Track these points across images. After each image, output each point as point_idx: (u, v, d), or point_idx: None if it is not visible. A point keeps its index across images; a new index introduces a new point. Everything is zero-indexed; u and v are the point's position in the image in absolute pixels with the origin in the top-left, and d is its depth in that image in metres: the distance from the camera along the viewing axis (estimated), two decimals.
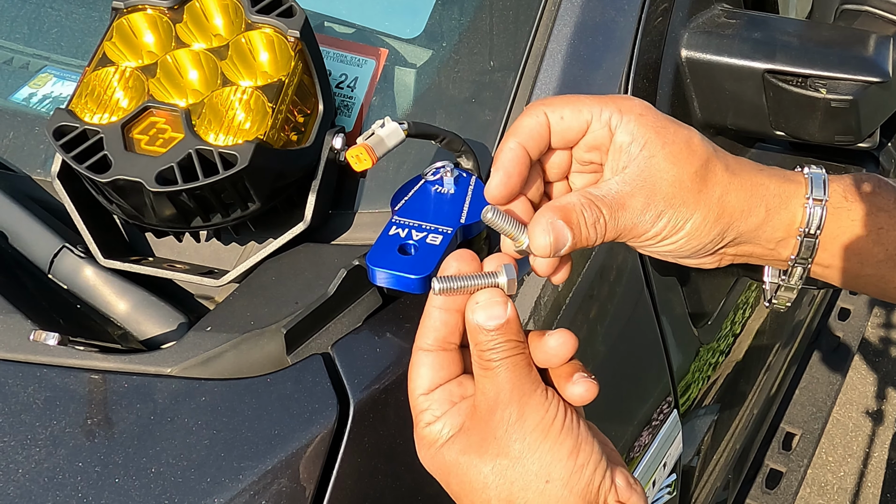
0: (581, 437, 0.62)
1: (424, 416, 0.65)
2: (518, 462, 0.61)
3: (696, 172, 0.66)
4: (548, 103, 0.67)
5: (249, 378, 0.76)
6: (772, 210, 0.70)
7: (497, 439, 0.61)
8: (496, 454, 0.61)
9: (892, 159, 1.21)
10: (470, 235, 0.81)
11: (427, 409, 0.65)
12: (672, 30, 1.05)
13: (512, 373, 0.62)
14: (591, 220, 0.64)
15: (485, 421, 0.62)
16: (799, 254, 0.72)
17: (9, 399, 0.74)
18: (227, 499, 0.69)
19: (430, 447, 0.64)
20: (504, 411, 0.61)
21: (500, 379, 0.62)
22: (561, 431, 0.61)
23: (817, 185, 0.70)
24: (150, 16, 0.91)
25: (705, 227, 0.68)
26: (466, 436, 0.63)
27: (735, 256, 0.72)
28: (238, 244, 0.93)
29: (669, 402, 1.13)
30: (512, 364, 0.62)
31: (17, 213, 0.90)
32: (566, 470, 0.61)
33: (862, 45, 1.05)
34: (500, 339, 0.62)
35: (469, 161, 0.89)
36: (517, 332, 0.63)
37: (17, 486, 0.69)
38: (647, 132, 0.66)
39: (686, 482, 1.25)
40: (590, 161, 0.69)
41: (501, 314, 0.62)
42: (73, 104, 0.86)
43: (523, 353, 0.63)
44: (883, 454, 2.47)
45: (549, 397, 0.63)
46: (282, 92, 0.86)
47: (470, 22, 1.01)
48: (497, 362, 0.62)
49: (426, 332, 0.65)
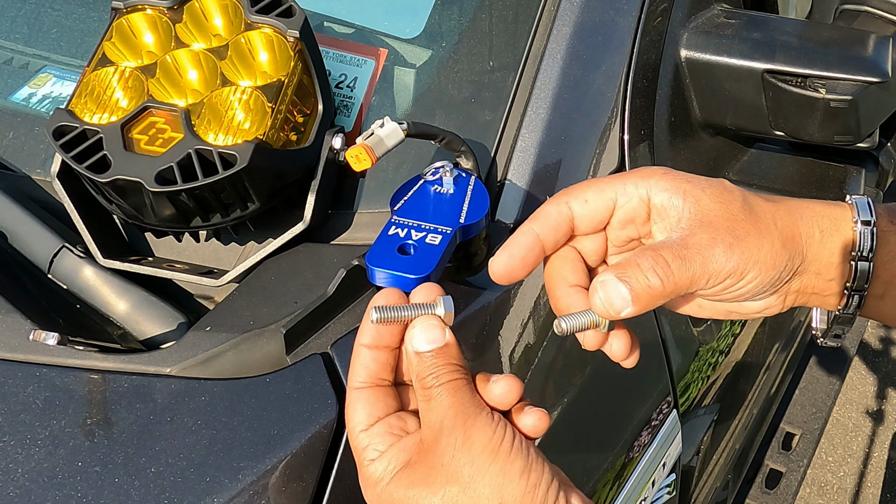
0: (531, 458, 0.59)
1: (367, 454, 0.62)
2: (469, 487, 0.58)
3: (742, 206, 0.64)
4: (570, 191, 0.66)
5: (249, 378, 0.76)
6: (825, 232, 0.66)
7: (444, 466, 0.59)
8: (445, 482, 0.59)
9: (891, 159, 1.21)
10: (469, 235, 0.81)
11: (368, 446, 0.62)
12: (671, 30, 1.05)
13: (453, 397, 0.60)
14: (647, 265, 0.61)
15: (430, 451, 0.60)
16: (855, 281, 0.67)
17: (8, 399, 0.74)
18: (227, 498, 0.69)
19: (376, 486, 0.61)
20: (449, 437, 0.59)
21: (442, 404, 0.60)
22: (511, 452, 0.59)
23: (863, 209, 0.67)
24: (150, 16, 0.91)
25: (775, 255, 0.63)
26: (412, 470, 0.60)
27: (798, 294, 0.67)
28: (237, 244, 0.93)
29: (669, 402, 1.13)
30: (453, 388, 0.60)
31: (17, 213, 0.90)
32: (518, 490, 0.58)
33: (861, 46, 1.05)
34: (439, 363, 0.60)
35: (468, 161, 0.89)
36: (457, 358, 0.61)
37: (17, 486, 0.69)
38: (680, 184, 0.64)
39: (685, 482, 1.25)
40: (628, 239, 0.67)
41: (440, 338, 0.61)
42: (72, 104, 0.86)
43: (464, 378, 0.61)
44: (883, 454, 2.47)
45: (496, 419, 0.60)
46: (281, 92, 0.86)
47: (469, 22, 1.01)
48: (438, 388, 0.60)
49: (357, 370, 0.64)
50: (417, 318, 0.62)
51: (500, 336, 0.87)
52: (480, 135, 0.95)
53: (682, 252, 0.61)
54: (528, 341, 0.89)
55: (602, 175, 0.98)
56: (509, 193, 0.93)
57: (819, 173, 1.16)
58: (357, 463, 0.63)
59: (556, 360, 0.93)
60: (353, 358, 0.64)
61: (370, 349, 0.64)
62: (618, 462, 1.04)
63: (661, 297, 0.61)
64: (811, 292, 0.67)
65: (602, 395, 1.02)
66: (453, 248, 0.79)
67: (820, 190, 1.13)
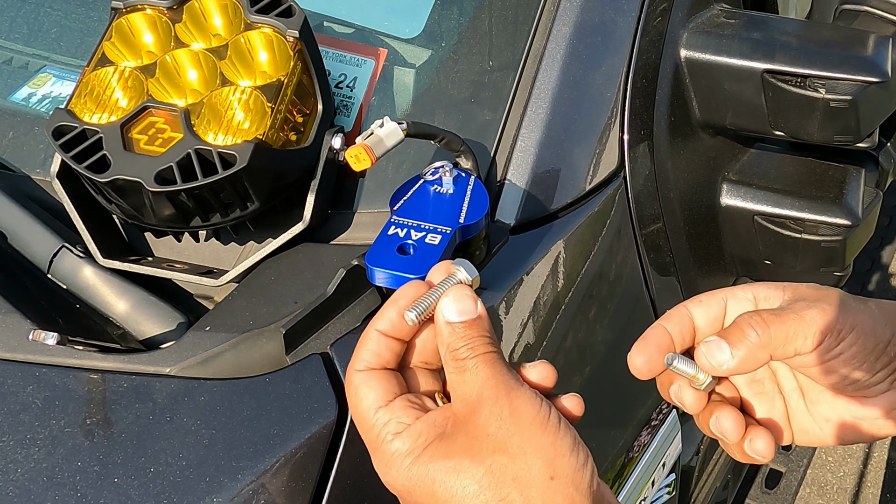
0: (577, 438, 0.58)
1: (389, 428, 0.58)
2: (518, 457, 0.56)
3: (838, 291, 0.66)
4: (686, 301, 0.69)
5: (248, 378, 0.76)
6: None
7: (490, 437, 0.56)
8: (492, 450, 0.56)
9: (891, 159, 1.21)
10: (469, 235, 0.81)
11: (390, 420, 0.59)
12: (671, 30, 1.05)
13: (492, 367, 0.58)
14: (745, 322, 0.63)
15: (469, 421, 0.57)
16: None
17: (8, 399, 0.74)
18: (226, 498, 0.69)
19: (402, 462, 0.57)
20: (493, 406, 0.57)
21: (480, 375, 0.58)
22: (559, 427, 0.57)
23: None
24: (150, 16, 0.91)
25: (875, 322, 0.64)
26: (450, 440, 0.57)
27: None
28: (237, 244, 0.93)
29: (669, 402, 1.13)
30: (490, 360, 0.58)
31: (17, 213, 0.90)
32: (570, 467, 0.56)
33: (861, 46, 1.05)
34: (473, 334, 0.59)
35: (468, 161, 0.89)
36: (490, 332, 0.60)
37: (17, 486, 0.69)
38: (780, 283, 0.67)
39: (685, 482, 1.25)
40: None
41: (472, 308, 0.60)
42: (72, 104, 0.86)
43: (499, 352, 0.60)
44: (883, 454, 2.46)
45: (539, 395, 0.59)
46: (281, 92, 0.86)
47: (469, 22, 1.01)
48: (473, 359, 0.58)
49: (364, 355, 0.61)
50: (449, 289, 0.61)
51: (499, 336, 0.87)
52: (480, 135, 0.95)
53: (778, 312, 0.64)
54: (528, 341, 0.89)
55: (602, 174, 0.98)
56: (509, 193, 0.93)
57: (819, 173, 1.16)
58: (372, 444, 0.59)
59: (556, 360, 0.93)
60: (362, 341, 0.62)
61: (387, 337, 0.62)
62: (617, 462, 1.04)
63: (759, 349, 0.62)
64: None
65: (602, 395, 1.02)
66: (453, 248, 0.79)
67: (820, 190, 1.13)
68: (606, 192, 0.98)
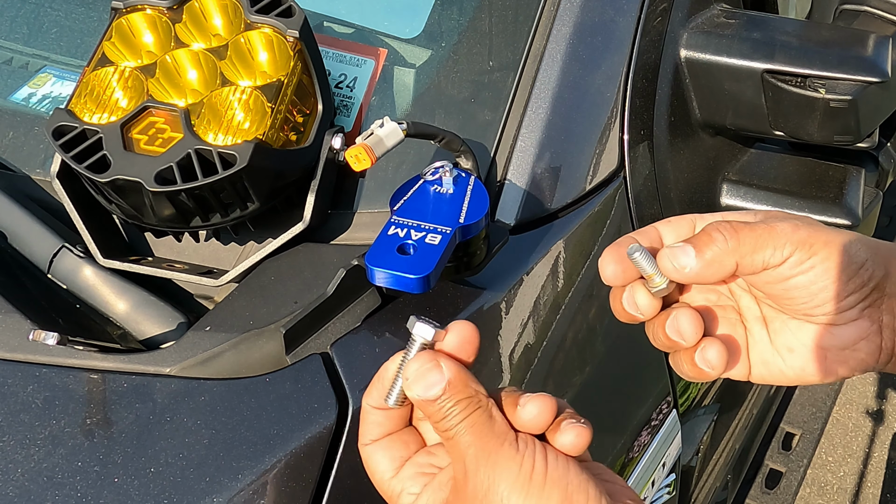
0: (571, 486, 0.55)
1: (402, 500, 0.59)
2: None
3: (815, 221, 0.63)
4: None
5: (248, 378, 0.76)
6: None
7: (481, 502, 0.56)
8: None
9: (891, 159, 1.21)
10: (469, 235, 0.81)
11: (402, 491, 0.59)
12: (671, 30, 1.05)
13: (472, 434, 0.57)
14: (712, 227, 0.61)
15: (462, 491, 0.57)
16: None
17: (8, 399, 0.74)
18: (226, 498, 0.69)
19: None
20: (475, 478, 0.56)
21: (462, 444, 0.57)
22: (544, 484, 0.55)
23: None
24: (150, 16, 0.91)
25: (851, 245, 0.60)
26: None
27: (894, 332, 0.62)
28: (237, 244, 0.93)
29: (669, 402, 1.13)
30: (470, 425, 0.57)
31: (17, 213, 0.90)
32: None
33: (861, 46, 1.05)
34: (449, 404, 0.57)
35: (468, 161, 0.89)
36: (467, 389, 0.57)
37: (17, 486, 0.69)
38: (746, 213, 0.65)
39: (685, 482, 1.25)
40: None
41: (438, 379, 0.57)
42: (72, 104, 0.86)
43: (481, 408, 0.58)
44: (883, 454, 2.47)
45: (522, 447, 0.57)
46: (281, 92, 0.86)
47: (469, 22, 1.01)
48: (454, 428, 0.57)
49: (369, 429, 0.61)
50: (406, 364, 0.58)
51: (500, 336, 0.87)
52: (480, 135, 0.95)
53: (748, 222, 0.61)
54: (528, 341, 0.89)
55: (602, 174, 0.98)
56: (509, 193, 0.93)
57: (819, 173, 1.16)
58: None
59: (556, 360, 0.93)
60: (362, 415, 0.61)
61: (381, 410, 0.61)
62: (618, 462, 1.04)
63: (726, 254, 0.60)
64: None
65: (602, 395, 1.02)
66: (453, 248, 0.79)
67: (820, 190, 1.13)
68: (606, 192, 0.98)
